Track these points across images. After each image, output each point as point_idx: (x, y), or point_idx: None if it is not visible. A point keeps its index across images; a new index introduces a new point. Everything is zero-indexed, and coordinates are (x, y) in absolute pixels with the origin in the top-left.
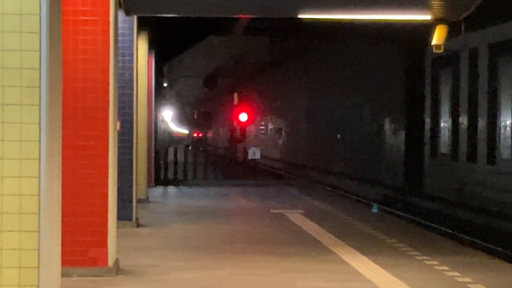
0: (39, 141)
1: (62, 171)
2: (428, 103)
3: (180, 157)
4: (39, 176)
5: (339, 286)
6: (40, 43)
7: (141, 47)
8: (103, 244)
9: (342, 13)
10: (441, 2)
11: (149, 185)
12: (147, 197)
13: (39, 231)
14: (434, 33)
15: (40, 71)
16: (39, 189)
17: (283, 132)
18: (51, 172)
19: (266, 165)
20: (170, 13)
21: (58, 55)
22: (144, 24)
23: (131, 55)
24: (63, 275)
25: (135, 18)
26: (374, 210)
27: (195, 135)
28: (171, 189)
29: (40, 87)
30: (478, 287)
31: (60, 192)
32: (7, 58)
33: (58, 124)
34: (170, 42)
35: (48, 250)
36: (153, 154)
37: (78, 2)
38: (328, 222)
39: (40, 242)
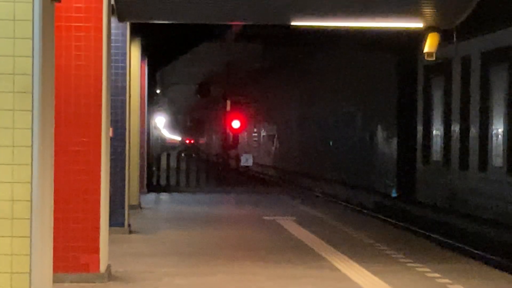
0: (32, 147)
1: (54, 177)
2: (420, 110)
3: (173, 163)
4: (31, 182)
5: None
6: (33, 48)
7: (134, 54)
8: (95, 250)
9: (335, 21)
10: (433, 10)
11: (141, 192)
12: (139, 204)
13: (31, 237)
14: (426, 40)
15: (32, 76)
16: (31, 194)
17: (275, 139)
18: (43, 177)
19: (259, 172)
20: (163, 19)
21: (51, 61)
22: (137, 31)
23: (124, 61)
24: (55, 281)
25: (128, 24)
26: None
27: (187, 141)
28: (164, 195)
29: (32, 92)
30: None
31: (52, 198)
32: None
33: (50, 130)
34: (163, 49)
35: (39, 255)
36: (145, 161)
37: (71, 8)
38: (320, 229)
39: (32, 247)
